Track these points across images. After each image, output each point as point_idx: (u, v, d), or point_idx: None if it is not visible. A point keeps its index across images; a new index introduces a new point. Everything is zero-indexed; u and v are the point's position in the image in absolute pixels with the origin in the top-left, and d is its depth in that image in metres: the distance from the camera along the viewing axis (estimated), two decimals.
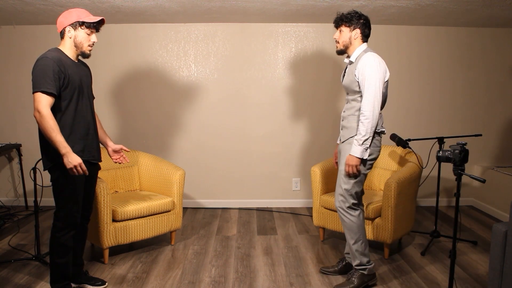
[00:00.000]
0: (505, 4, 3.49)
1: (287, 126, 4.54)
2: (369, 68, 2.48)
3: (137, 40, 4.40)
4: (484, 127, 4.56)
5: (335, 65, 4.43)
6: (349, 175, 2.57)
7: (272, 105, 4.50)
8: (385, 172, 3.66)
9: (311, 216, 3.92)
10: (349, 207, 2.62)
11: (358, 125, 2.52)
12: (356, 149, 2.50)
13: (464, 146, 2.21)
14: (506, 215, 4.01)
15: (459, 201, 2.26)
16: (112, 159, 2.76)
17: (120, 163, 2.79)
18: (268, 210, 4.52)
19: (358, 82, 2.54)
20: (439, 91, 4.55)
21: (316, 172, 3.46)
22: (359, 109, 2.56)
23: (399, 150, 3.65)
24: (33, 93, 2.21)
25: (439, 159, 2.29)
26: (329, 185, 3.53)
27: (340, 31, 2.61)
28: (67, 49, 2.36)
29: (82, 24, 2.32)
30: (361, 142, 2.49)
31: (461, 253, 3.27)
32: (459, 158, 2.18)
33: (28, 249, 3.28)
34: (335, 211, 3.31)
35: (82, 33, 2.33)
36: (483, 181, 2.14)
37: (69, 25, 2.31)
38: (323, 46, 4.45)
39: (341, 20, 2.59)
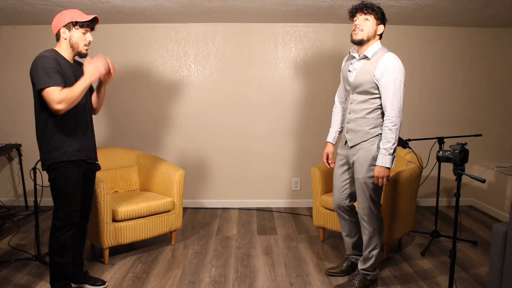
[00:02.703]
0: (505, 4, 3.49)
1: (287, 126, 4.54)
2: (396, 71, 2.37)
3: (137, 40, 4.40)
4: (484, 127, 4.56)
5: (335, 65, 4.42)
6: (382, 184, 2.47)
7: (272, 105, 4.50)
8: None
9: (311, 216, 3.92)
10: (375, 215, 2.57)
11: (383, 134, 2.40)
12: (387, 160, 2.39)
13: (464, 146, 2.20)
14: (506, 215, 4.01)
15: (459, 201, 2.26)
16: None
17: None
18: (268, 210, 4.52)
19: (376, 83, 2.41)
20: (439, 91, 4.55)
21: (316, 172, 3.46)
22: (371, 112, 2.47)
23: (399, 150, 3.65)
24: (42, 90, 2.21)
25: (439, 159, 2.28)
26: (329, 185, 3.53)
27: (366, 19, 2.42)
28: (63, 50, 2.37)
29: (75, 24, 2.33)
30: (392, 151, 2.38)
31: (461, 253, 3.27)
32: (459, 158, 2.18)
33: (28, 249, 3.28)
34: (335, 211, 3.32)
35: (77, 33, 2.34)
36: (483, 181, 2.14)
37: (63, 26, 2.33)
38: (323, 46, 4.45)
39: (372, 10, 2.41)
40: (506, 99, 4.61)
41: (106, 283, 2.73)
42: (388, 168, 2.42)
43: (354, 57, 2.56)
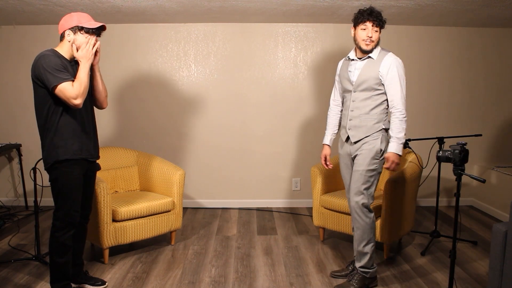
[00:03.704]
0: (505, 4, 3.49)
1: (287, 126, 4.54)
2: (399, 69, 2.54)
3: (137, 40, 4.40)
4: (484, 127, 4.56)
5: (335, 65, 4.40)
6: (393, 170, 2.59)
7: (272, 105, 4.50)
8: (385, 172, 3.65)
9: (311, 216, 3.92)
10: (366, 207, 2.61)
11: (394, 124, 2.53)
12: (399, 148, 2.55)
13: (464, 146, 2.21)
14: (506, 215, 4.01)
15: (459, 201, 2.26)
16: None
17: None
18: (268, 210, 4.52)
19: (380, 79, 2.55)
20: (439, 91, 4.56)
21: (316, 172, 3.46)
22: (374, 108, 2.58)
23: None
24: (54, 88, 2.23)
25: (439, 159, 2.29)
26: (329, 185, 3.53)
27: (376, 31, 2.56)
28: (64, 51, 2.37)
29: (81, 29, 2.33)
30: (403, 140, 2.54)
31: (461, 253, 3.27)
32: (459, 158, 2.18)
33: (28, 249, 3.28)
34: (335, 211, 3.32)
35: (81, 37, 2.34)
36: (483, 181, 2.14)
37: (69, 28, 2.33)
38: (323, 46, 4.45)
39: (382, 23, 2.55)
40: (506, 99, 4.61)
41: (106, 283, 2.73)
42: (399, 156, 2.57)
43: (353, 59, 2.66)
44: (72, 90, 2.24)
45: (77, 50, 2.34)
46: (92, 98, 2.54)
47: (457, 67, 4.54)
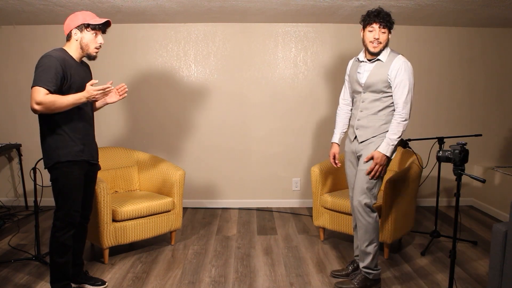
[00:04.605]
0: (505, 4, 3.49)
1: (287, 126, 4.54)
2: (408, 73, 2.53)
3: (137, 40, 4.40)
4: (484, 127, 4.56)
5: (335, 65, 4.43)
6: (374, 175, 2.56)
7: (272, 105, 4.50)
8: (386, 172, 3.65)
9: (311, 216, 3.92)
10: (369, 207, 2.61)
11: (391, 126, 2.53)
12: (389, 149, 2.54)
13: (464, 146, 2.21)
14: (506, 215, 4.01)
15: (459, 201, 2.26)
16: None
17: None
18: (268, 210, 4.52)
19: (389, 82, 2.55)
20: (439, 91, 4.56)
21: (316, 172, 3.46)
22: (383, 110, 2.59)
23: (399, 150, 3.64)
24: (32, 87, 2.21)
25: (439, 159, 2.29)
26: (329, 185, 3.53)
27: (383, 32, 2.54)
28: (73, 50, 2.38)
29: (87, 26, 2.34)
30: (395, 143, 2.54)
31: (461, 253, 3.27)
32: (459, 158, 2.18)
33: (28, 249, 3.28)
34: (335, 211, 3.32)
35: (88, 35, 2.36)
36: (483, 181, 2.14)
37: (75, 27, 2.34)
38: (323, 46, 4.45)
39: (391, 24, 2.53)
40: (506, 99, 4.61)
41: (106, 283, 2.73)
42: (387, 157, 2.54)
43: (363, 61, 2.66)
44: (41, 96, 2.17)
45: (96, 51, 2.40)
46: (91, 102, 2.55)
47: (457, 67, 4.54)
